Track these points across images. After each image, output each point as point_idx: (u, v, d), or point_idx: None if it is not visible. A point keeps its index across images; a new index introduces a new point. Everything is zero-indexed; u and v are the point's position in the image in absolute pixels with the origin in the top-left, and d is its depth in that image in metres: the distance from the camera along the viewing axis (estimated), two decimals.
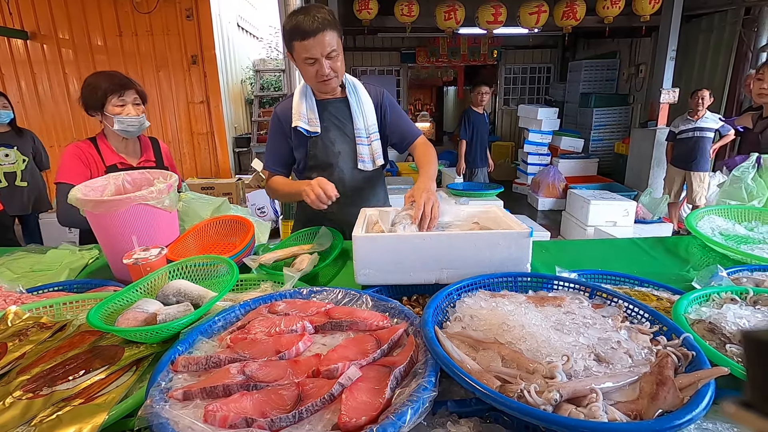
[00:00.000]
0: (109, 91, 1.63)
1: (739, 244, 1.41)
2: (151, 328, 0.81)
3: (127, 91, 1.65)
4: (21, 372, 0.76)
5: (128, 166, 1.74)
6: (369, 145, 1.63)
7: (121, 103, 1.64)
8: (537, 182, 6.35)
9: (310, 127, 1.57)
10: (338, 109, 1.61)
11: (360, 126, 1.60)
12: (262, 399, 0.63)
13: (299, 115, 1.57)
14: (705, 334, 0.81)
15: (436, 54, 8.41)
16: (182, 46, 4.92)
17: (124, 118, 1.64)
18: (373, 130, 1.63)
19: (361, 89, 1.62)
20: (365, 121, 1.61)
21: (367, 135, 1.62)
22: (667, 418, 0.55)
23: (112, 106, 1.63)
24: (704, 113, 4.45)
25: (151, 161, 1.82)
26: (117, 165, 1.71)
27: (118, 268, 1.27)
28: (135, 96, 1.69)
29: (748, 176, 2.17)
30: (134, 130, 1.69)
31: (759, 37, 5.22)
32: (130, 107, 1.67)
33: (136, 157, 1.78)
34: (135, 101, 1.68)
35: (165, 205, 1.26)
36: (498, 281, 0.97)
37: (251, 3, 7.43)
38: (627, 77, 7.52)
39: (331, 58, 1.43)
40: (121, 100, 1.64)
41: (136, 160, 1.78)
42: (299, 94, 1.59)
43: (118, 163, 1.72)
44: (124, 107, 1.65)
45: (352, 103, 1.60)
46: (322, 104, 1.60)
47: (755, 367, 0.28)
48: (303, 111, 1.57)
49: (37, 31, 4.82)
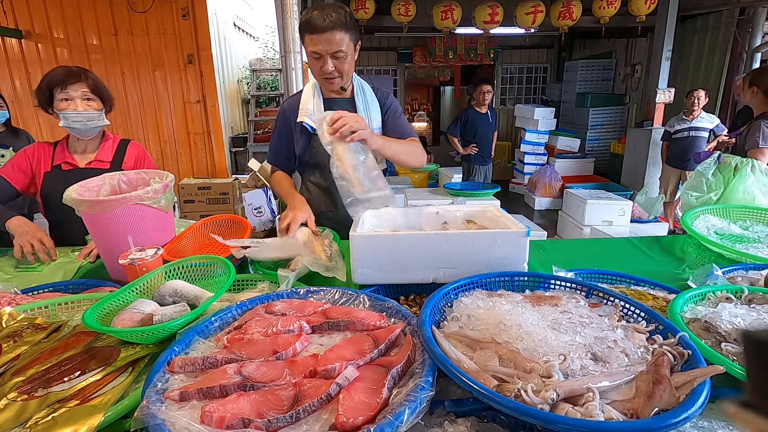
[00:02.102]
0: (54, 83, 1.49)
1: (734, 243, 1.42)
2: (148, 329, 0.81)
3: (73, 84, 1.50)
4: (16, 373, 0.76)
5: (74, 166, 1.62)
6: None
7: (65, 96, 1.50)
8: (534, 182, 6.37)
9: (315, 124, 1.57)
10: (343, 108, 1.60)
11: None
12: (259, 399, 0.63)
13: (306, 111, 1.57)
14: (701, 332, 0.81)
15: (432, 54, 8.42)
16: (178, 46, 4.90)
17: (68, 113, 1.50)
18: (377, 132, 1.65)
19: (368, 91, 1.64)
20: (371, 123, 1.62)
21: None
22: (664, 416, 0.55)
23: (57, 101, 1.51)
24: (699, 113, 4.48)
25: (105, 162, 1.66)
26: (61, 165, 1.61)
27: (114, 269, 1.26)
28: (85, 90, 1.53)
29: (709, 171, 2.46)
30: (81, 127, 1.53)
31: (753, 37, 5.26)
32: (78, 102, 1.51)
33: (89, 159, 1.66)
34: (84, 96, 1.53)
35: (161, 205, 1.26)
36: (495, 281, 0.97)
37: (248, 2, 7.41)
38: (623, 77, 7.56)
39: (338, 58, 1.44)
40: (65, 93, 1.50)
41: (86, 161, 1.65)
42: (309, 90, 1.60)
43: (63, 162, 1.61)
44: (70, 102, 1.51)
45: (359, 105, 1.61)
46: (329, 103, 1.60)
47: (755, 367, 0.29)
48: (310, 107, 1.58)
49: (31, 30, 4.78)
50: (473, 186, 4.42)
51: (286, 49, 3.38)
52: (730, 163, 2.50)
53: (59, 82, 1.50)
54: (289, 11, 3.27)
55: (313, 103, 1.58)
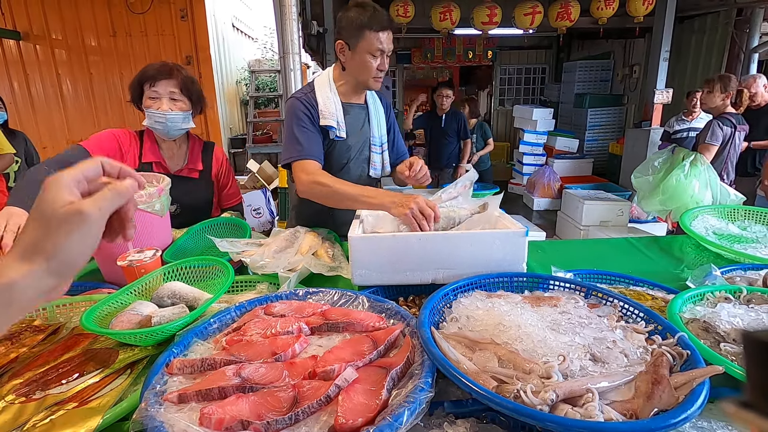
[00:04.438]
0: (144, 79, 1.44)
1: (732, 243, 1.42)
2: (146, 331, 0.81)
3: (162, 80, 1.44)
4: (13, 376, 0.76)
5: (165, 170, 1.53)
6: (381, 154, 1.66)
7: (154, 95, 1.45)
8: (532, 182, 6.37)
9: (339, 130, 1.53)
10: (358, 114, 1.61)
11: (375, 134, 1.63)
12: (258, 401, 0.62)
13: (330, 115, 1.51)
14: (699, 333, 0.81)
15: (431, 55, 8.42)
16: (177, 47, 4.90)
17: (152, 111, 1.44)
18: (385, 140, 1.67)
19: (376, 98, 1.66)
20: (380, 129, 1.64)
21: (381, 143, 1.65)
22: (663, 417, 0.55)
23: (145, 98, 1.46)
24: (698, 114, 4.49)
25: (196, 171, 1.60)
26: (152, 165, 1.52)
27: (109, 272, 1.25)
28: (173, 89, 1.46)
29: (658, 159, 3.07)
30: (162, 128, 1.47)
31: (751, 38, 5.27)
32: (164, 101, 1.45)
33: (179, 164, 1.58)
34: (173, 95, 1.46)
35: (155, 210, 1.23)
36: (494, 281, 0.97)
37: (246, 3, 7.41)
38: (621, 78, 7.57)
39: (389, 57, 1.49)
40: (153, 91, 1.44)
41: (177, 167, 1.57)
42: (325, 91, 1.52)
43: (155, 163, 1.53)
44: (156, 100, 1.45)
45: (371, 111, 1.62)
46: (346, 107, 1.58)
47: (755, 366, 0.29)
48: (333, 111, 1.52)
49: (29, 31, 4.78)
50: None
51: (284, 50, 3.38)
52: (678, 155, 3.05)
53: (150, 78, 1.45)
54: (288, 12, 3.27)
55: (334, 107, 1.52)
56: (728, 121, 3.10)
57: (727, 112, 3.14)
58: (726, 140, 3.10)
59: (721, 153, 3.12)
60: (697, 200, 2.83)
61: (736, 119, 3.12)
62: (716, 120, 3.12)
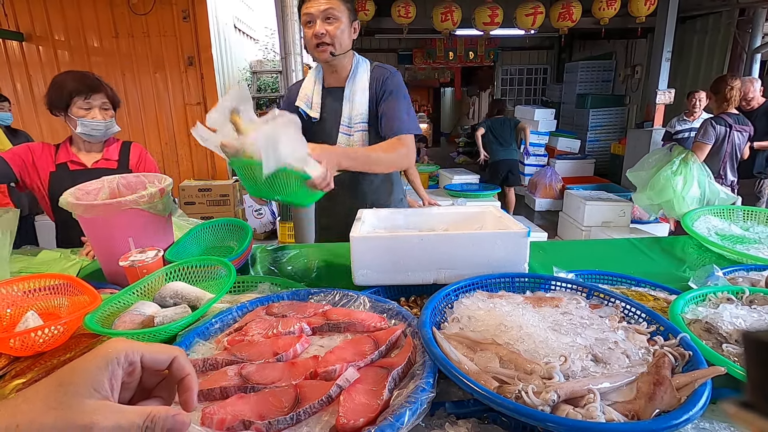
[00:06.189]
0: (76, 92, 1.56)
1: (734, 244, 1.42)
2: (149, 331, 0.81)
3: (95, 94, 1.58)
4: (16, 375, 0.76)
5: (82, 166, 1.66)
6: (350, 136, 1.54)
7: (87, 106, 1.58)
8: (534, 183, 6.37)
9: (310, 111, 1.57)
10: (336, 97, 1.58)
11: (346, 114, 1.54)
12: (259, 401, 0.63)
13: (304, 97, 1.58)
14: (702, 333, 0.81)
15: (432, 55, 8.44)
16: (179, 48, 4.90)
17: (88, 121, 1.58)
18: (360, 119, 1.54)
19: (362, 74, 1.55)
20: (352, 109, 1.54)
21: (351, 125, 1.54)
22: (665, 417, 0.55)
23: (77, 108, 1.57)
24: (700, 114, 4.48)
25: (112, 161, 1.71)
26: (67, 164, 1.64)
27: (111, 272, 1.25)
28: (104, 101, 1.62)
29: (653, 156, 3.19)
30: (98, 134, 1.62)
31: (753, 38, 5.26)
32: (97, 111, 1.60)
33: (96, 158, 1.70)
34: (104, 106, 1.62)
35: (158, 210, 1.24)
36: (495, 282, 0.97)
37: (248, 4, 7.43)
38: (623, 78, 7.57)
39: (329, 21, 1.43)
40: (87, 103, 1.58)
41: (94, 161, 1.69)
42: (311, 77, 1.60)
43: (69, 162, 1.64)
44: (90, 111, 1.59)
45: (346, 93, 1.55)
46: (327, 92, 1.59)
47: (755, 367, 0.29)
48: (309, 94, 1.58)
49: (32, 32, 4.79)
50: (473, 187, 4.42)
51: (286, 51, 3.39)
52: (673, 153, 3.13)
53: (84, 91, 1.57)
54: (289, 13, 3.28)
55: (312, 90, 1.58)
56: (723, 120, 3.12)
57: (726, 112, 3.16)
58: (720, 139, 3.13)
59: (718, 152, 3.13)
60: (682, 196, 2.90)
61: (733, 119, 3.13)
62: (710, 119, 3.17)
